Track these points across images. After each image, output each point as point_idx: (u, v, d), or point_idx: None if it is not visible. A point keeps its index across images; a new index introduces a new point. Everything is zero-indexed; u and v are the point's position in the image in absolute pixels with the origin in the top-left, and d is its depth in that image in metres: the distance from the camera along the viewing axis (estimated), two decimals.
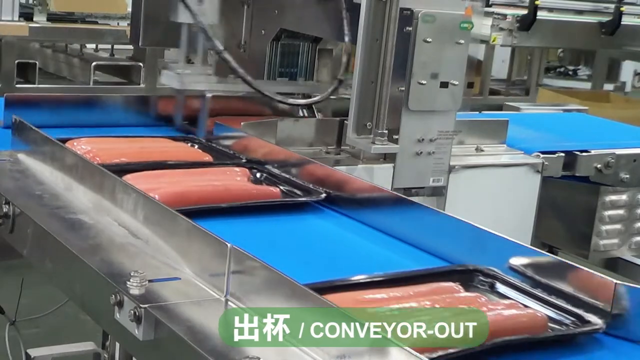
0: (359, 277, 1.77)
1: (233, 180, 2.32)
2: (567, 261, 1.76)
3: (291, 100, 2.84)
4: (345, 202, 2.25)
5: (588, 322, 1.64)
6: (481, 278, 1.82)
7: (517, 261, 1.80)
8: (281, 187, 2.33)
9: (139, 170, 2.26)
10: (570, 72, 10.74)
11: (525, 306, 1.70)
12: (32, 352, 3.25)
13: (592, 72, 9.96)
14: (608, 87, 9.26)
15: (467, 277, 1.81)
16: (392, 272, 1.82)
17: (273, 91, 2.73)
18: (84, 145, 2.42)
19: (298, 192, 2.32)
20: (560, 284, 1.73)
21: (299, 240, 2.11)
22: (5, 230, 2.09)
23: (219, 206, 2.14)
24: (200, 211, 2.05)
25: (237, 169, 2.40)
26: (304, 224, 2.21)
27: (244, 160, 2.50)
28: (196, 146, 2.66)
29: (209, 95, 2.85)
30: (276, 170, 2.43)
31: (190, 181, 2.25)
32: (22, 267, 2.95)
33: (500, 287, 1.79)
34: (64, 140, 2.38)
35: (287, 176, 2.39)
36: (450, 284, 1.75)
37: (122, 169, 2.22)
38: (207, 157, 2.53)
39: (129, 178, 2.13)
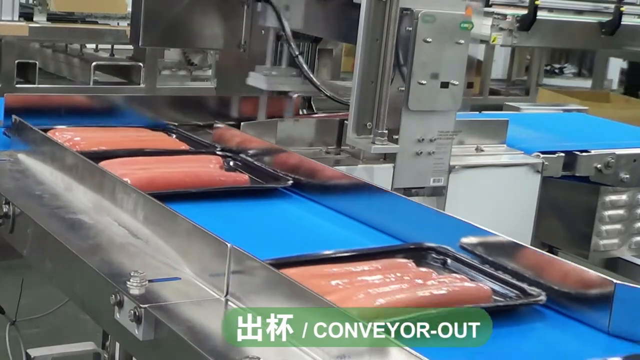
0: (318, 254, 1.85)
1: (204, 167, 2.39)
2: (515, 241, 1.85)
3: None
4: (312, 188, 2.33)
5: (530, 294, 1.72)
6: (434, 255, 1.91)
7: (468, 240, 1.90)
8: (251, 175, 2.40)
9: (116, 157, 2.32)
10: (557, 70, 10.76)
11: (473, 280, 1.78)
12: (32, 352, 3.25)
13: (577, 70, 9.99)
14: (595, 84, 9.28)
15: (421, 254, 1.91)
16: (350, 249, 1.90)
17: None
18: (65, 134, 2.49)
19: (268, 178, 2.39)
20: (508, 261, 1.82)
21: (263, 223, 2.18)
22: (5, 230, 2.09)
23: (189, 191, 2.22)
24: (171, 195, 2.11)
25: (210, 156, 2.48)
26: (270, 208, 2.28)
27: (218, 149, 2.57)
28: (174, 136, 2.72)
29: (294, 95, 2.92)
30: (249, 159, 2.50)
31: (162, 167, 2.33)
32: (22, 267, 2.95)
33: (452, 264, 1.88)
34: (46, 130, 2.44)
35: (259, 164, 2.46)
36: (404, 260, 1.84)
37: (100, 156, 2.28)
38: (184, 146, 2.61)
39: (104, 164, 2.21)
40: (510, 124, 3.07)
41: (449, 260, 1.89)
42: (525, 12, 5.70)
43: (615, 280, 1.65)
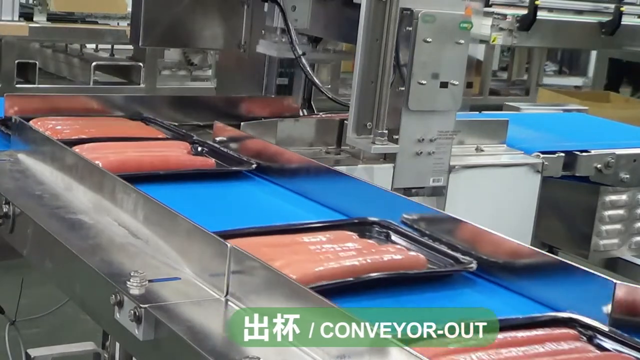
0: (269, 226, 1.96)
1: (173, 152, 2.50)
2: (452, 215, 2.00)
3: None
4: (274, 171, 2.43)
5: (462, 262, 1.86)
6: (377, 229, 2.03)
7: (409, 215, 2.04)
8: (217, 160, 2.48)
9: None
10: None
11: (411, 250, 1.90)
12: (32, 352, 3.25)
13: (558, 68, 9.99)
14: (577, 81, 9.27)
15: (366, 228, 2.03)
16: (298, 222, 2.03)
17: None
18: (48, 122, 2.57)
19: (233, 162, 2.49)
20: (445, 235, 1.96)
21: (225, 202, 2.31)
22: (5, 230, 2.09)
23: (157, 173, 2.32)
24: (141, 177, 2.21)
25: (179, 142, 2.58)
26: (233, 189, 2.40)
27: (193, 137, 2.64)
28: (151, 125, 2.79)
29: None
30: (216, 145, 2.59)
31: (133, 152, 2.42)
32: (22, 267, 2.95)
33: (394, 237, 2.00)
34: (28, 119, 2.50)
35: (226, 150, 2.55)
36: (349, 232, 1.95)
37: (78, 143, 2.38)
38: (160, 134, 2.70)
39: (79, 148, 2.30)
40: (510, 124, 3.07)
41: (391, 233, 2.00)
42: (525, 12, 5.69)
43: (535, 249, 1.81)
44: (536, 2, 5.58)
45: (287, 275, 1.57)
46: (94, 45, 7.02)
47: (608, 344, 1.59)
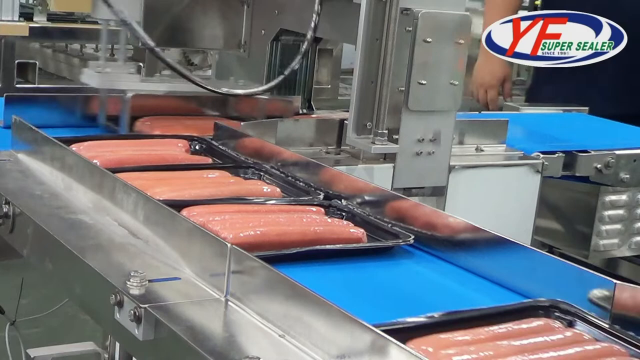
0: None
1: (170, 150, 2.50)
2: (395, 193, 2.19)
3: (224, 90, 2.80)
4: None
5: (399, 236, 1.99)
6: (335, 210, 2.14)
7: (361, 196, 2.18)
8: (215, 157, 2.52)
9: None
10: None
11: (357, 225, 2.03)
12: (32, 352, 3.25)
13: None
14: None
15: (327, 209, 2.15)
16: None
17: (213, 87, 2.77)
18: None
19: (230, 161, 2.49)
20: (389, 211, 2.11)
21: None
22: (5, 230, 2.09)
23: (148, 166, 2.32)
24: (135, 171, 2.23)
25: (177, 140, 2.57)
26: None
27: (193, 136, 2.64)
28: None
29: (129, 95, 2.80)
30: (214, 143, 2.58)
31: (130, 150, 2.43)
32: (22, 267, 2.95)
33: (346, 216, 2.12)
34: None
35: (224, 148, 2.54)
36: (312, 208, 2.10)
37: (72, 141, 2.40)
38: (157, 131, 2.71)
39: (76, 146, 2.33)
40: (510, 124, 3.07)
41: (344, 214, 2.12)
42: (525, 12, 5.70)
43: (469, 222, 1.93)
44: (536, 2, 5.58)
45: (217, 234, 1.73)
46: (94, 45, 7.02)
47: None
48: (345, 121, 2.66)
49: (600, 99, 4.11)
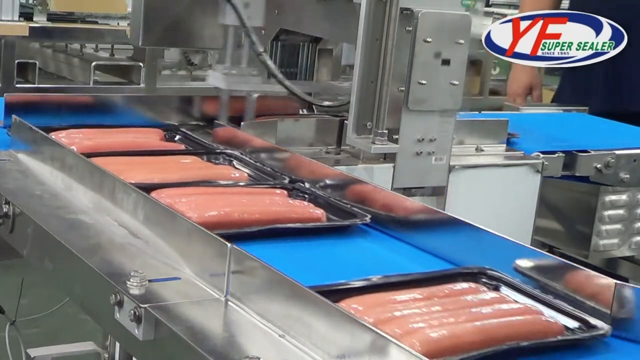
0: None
1: (145, 138, 2.60)
2: (355, 177, 2.28)
3: (326, 103, 2.91)
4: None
5: (356, 216, 2.11)
6: (299, 192, 2.25)
7: (327, 180, 2.30)
8: (188, 146, 2.64)
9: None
10: None
11: (318, 206, 2.14)
12: (32, 352, 3.25)
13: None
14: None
15: (290, 191, 2.24)
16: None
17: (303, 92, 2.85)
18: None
19: (202, 148, 2.59)
20: (346, 195, 2.22)
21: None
22: (5, 230, 2.09)
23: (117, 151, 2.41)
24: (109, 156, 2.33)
25: (152, 129, 2.69)
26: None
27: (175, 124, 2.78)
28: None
29: (254, 95, 2.90)
30: (189, 133, 2.70)
31: (107, 138, 2.55)
32: (22, 267, 2.95)
33: (309, 198, 2.22)
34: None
35: (197, 137, 2.67)
36: (276, 190, 2.22)
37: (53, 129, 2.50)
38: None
39: (54, 134, 2.42)
40: (510, 124, 3.07)
41: (306, 196, 2.22)
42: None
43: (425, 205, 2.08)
44: None
45: (183, 214, 1.84)
46: (94, 45, 7.02)
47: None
48: (345, 121, 2.66)
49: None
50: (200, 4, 3.01)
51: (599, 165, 3.09)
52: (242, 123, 2.73)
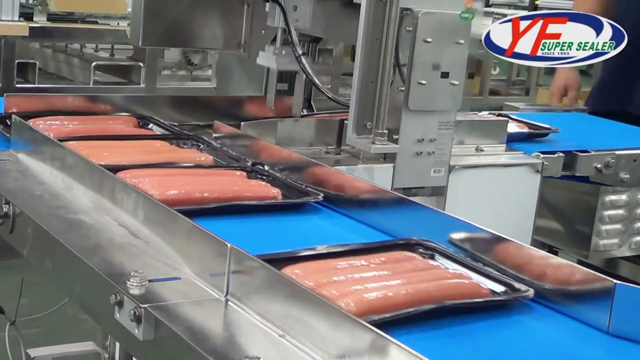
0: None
1: (118, 124, 2.72)
2: (312, 160, 2.37)
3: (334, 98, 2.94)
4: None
5: (309, 194, 2.23)
6: (263, 176, 2.34)
7: (285, 163, 2.41)
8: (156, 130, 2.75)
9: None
10: None
11: (275, 186, 2.25)
12: (32, 352, 3.25)
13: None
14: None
15: (250, 173, 2.35)
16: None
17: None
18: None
19: (175, 134, 2.68)
20: (303, 177, 2.33)
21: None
22: (5, 230, 2.09)
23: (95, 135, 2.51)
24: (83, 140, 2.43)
25: (128, 117, 2.78)
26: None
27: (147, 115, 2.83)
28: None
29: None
30: (161, 121, 2.79)
31: (82, 124, 2.66)
32: (22, 267, 2.95)
33: (269, 180, 2.32)
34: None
35: (169, 124, 2.76)
36: (236, 172, 2.33)
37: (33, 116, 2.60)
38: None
39: (32, 121, 2.52)
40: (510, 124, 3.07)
41: (264, 178, 2.32)
42: (525, 12, 5.70)
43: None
44: (536, 2, 5.59)
45: (146, 192, 1.96)
46: (94, 45, 7.03)
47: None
48: (345, 121, 2.66)
49: None
50: (200, 4, 3.01)
51: (599, 165, 3.09)
52: (242, 123, 2.73)
